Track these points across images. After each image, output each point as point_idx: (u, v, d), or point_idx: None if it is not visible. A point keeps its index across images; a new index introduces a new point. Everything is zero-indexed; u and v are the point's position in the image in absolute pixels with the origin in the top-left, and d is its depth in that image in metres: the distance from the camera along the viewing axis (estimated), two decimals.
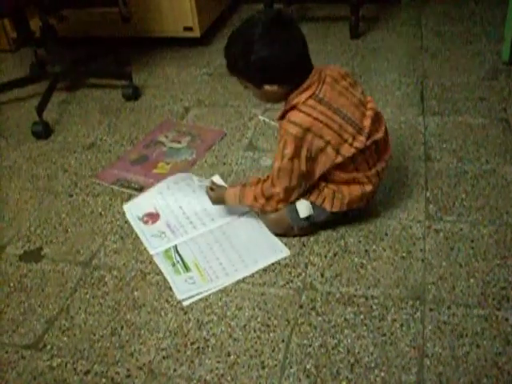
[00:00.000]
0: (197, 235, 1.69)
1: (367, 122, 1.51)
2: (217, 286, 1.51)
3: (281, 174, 1.50)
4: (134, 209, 1.82)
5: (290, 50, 1.43)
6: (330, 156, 1.48)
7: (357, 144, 1.48)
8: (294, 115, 1.46)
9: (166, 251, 1.64)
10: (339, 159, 1.48)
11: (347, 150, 1.48)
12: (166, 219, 1.76)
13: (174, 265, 1.59)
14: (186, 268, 1.58)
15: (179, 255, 1.62)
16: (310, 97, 1.46)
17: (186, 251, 1.63)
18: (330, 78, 1.50)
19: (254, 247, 1.62)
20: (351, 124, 1.48)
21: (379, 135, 1.54)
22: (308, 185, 1.54)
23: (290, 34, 1.44)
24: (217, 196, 1.67)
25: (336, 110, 1.47)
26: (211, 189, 1.67)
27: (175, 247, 1.65)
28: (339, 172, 1.52)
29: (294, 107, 1.48)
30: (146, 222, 1.76)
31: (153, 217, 1.78)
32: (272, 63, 1.42)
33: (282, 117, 1.51)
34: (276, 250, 1.59)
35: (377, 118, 1.56)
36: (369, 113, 1.53)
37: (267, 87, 1.47)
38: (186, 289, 1.51)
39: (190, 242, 1.67)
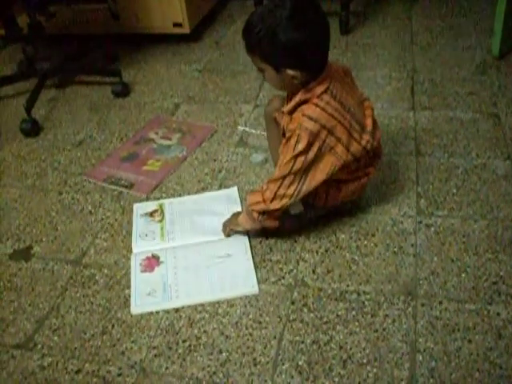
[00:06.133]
0: (179, 245, 1.63)
1: (369, 122, 1.51)
2: (173, 305, 1.46)
3: (282, 169, 1.43)
4: (142, 208, 1.79)
5: (317, 35, 1.35)
6: (340, 155, 1.43)
7: (363, 143, 1.47)
8: (311, 109, 1.39)
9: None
10: (350, 157, 1.45)
11: (356, 149, 1.46)
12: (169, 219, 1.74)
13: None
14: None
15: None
16: (325, 91, 1.40)
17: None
18: (338, 74, 1.47)
19: (228, 275, 1.52)
20: (358, 122, 1.47)
21: (378, 135, 1.54)
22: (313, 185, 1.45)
23: (318, 18, 1.36)
24: (234, 221, 1.60)
25: (346, 107, 1.43)
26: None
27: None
28: (341, 172, 1.48)
29: (307, 101, 1.41)
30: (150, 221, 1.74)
31: (158, 215, 1.76)
32: (300, 46, 1.33)
33: (292, 111, 1.44)
34: (247, 285, 1.48)
35: (374, 118, 1.55)
36: (368, 112, 1.53)
37: (289, 71, 1.37)
38: (143, 303, 1.47)
39: (170, 250, 1.62)
